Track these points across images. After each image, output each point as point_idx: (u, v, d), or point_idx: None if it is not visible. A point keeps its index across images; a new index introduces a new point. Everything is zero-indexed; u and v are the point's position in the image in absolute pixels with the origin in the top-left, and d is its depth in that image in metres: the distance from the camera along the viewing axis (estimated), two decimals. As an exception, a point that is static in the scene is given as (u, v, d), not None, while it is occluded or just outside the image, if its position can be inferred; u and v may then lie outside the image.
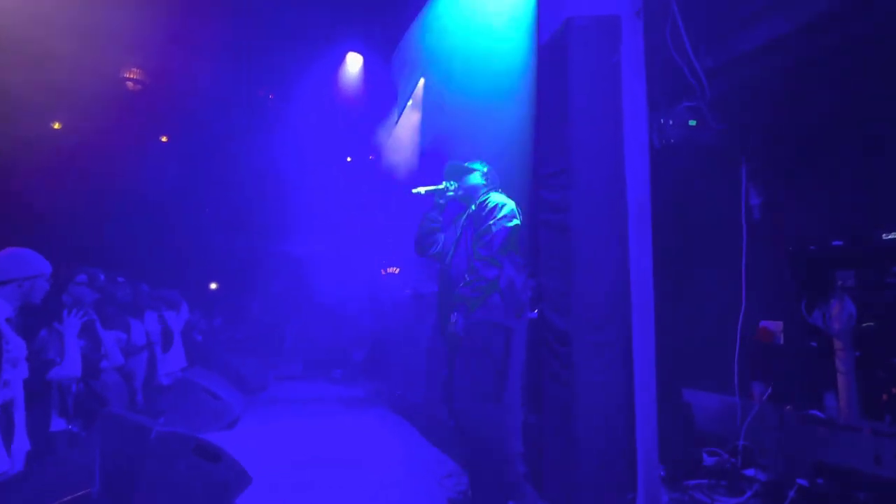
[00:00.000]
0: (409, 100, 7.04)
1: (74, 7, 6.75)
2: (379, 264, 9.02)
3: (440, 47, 5.61)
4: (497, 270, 2.93)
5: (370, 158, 10.33)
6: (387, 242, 8.42)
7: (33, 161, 8.34)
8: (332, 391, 7.98)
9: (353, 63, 9.10)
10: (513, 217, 3.01)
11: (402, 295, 6.27)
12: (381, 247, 8.79)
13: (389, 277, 8.33)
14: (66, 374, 3.23)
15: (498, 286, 2.94)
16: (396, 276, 8.02)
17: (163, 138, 11.26)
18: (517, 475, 2.97)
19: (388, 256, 8.50)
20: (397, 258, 7.96)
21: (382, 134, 8.70)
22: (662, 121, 3.43)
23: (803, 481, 2.76)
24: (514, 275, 2.99)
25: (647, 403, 2.82)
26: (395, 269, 8.23)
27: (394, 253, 8.07)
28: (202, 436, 2.80)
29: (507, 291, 2.95)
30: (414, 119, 6.82)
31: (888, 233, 2.83)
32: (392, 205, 7.82)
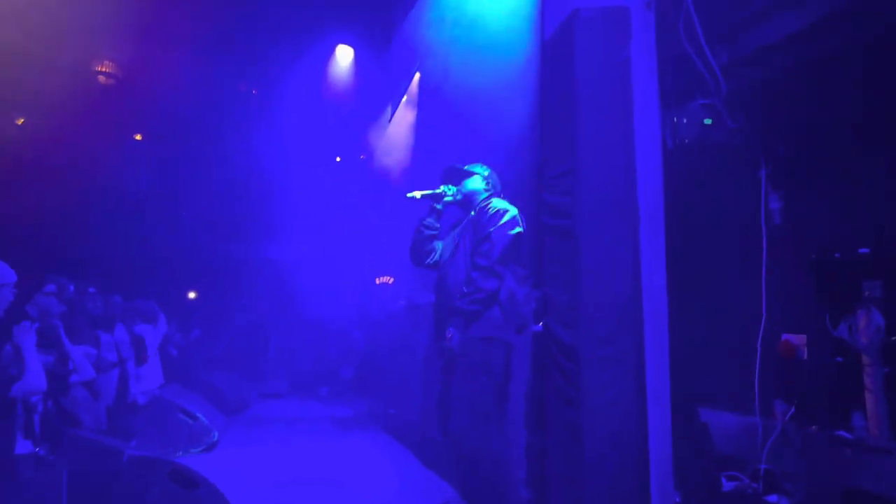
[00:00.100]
0: (403, 96, 7.07)
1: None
2: (370, 273, 9.02)
3: (438, 40, 5.63)
4: (497, 282, 2.93)
5: (361, 158, 10.35)
6: (379, 249, 8.43)
7: (-6, 161, 8.32)
8: (319, 410, 7.95)
9: (344, 56, 9.12)
10: (515, 225, 3.00)
11: (397, 306, 6.27)
12: (373, 254, 8.79)
13: (383, 287, 8.33)
14: (29, 389, 3.20)
15: (498, 299, 2.94)
16: (390, 287, 8.03)
17: (137, 136, 11.24)
18: (520, 502, 2.96)
19: (380, 264, 8.50)
20: (391, 266, 7.96)
21: (375, 132, 8.73)
22: (676, 119, 3.43)
23: (830, 508, 2.76)
24: (516, 287, 2.98)
25: (660, 424, 2.81)
26: (388, 278, 8.23)
27: (387, 260, 8.07)
28: (178, 460, 2.78)
29: (507, 304, 2.95)
30: (409, 117, 6.85)
31: (918, 240, 2.84)
32: (385, 209, 7.83)
